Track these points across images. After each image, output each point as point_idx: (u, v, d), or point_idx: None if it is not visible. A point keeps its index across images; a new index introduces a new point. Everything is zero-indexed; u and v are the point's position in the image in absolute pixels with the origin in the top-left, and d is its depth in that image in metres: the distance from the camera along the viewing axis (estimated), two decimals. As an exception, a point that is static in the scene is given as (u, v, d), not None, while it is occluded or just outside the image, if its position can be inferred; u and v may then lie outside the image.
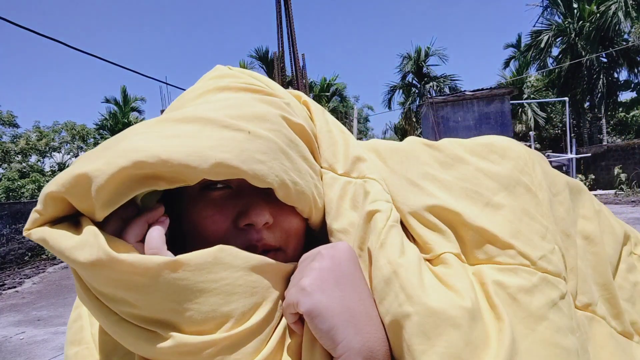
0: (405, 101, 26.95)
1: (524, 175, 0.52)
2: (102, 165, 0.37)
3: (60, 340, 4.60)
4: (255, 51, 24.60)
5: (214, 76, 0.54)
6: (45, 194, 0.38)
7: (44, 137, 24.40)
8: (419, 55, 26.40)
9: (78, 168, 0.37)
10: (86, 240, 0.36)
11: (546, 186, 0.54)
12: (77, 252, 0.35)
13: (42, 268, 10.15)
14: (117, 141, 0.40)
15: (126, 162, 0.37)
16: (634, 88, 21.95)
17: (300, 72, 7.30)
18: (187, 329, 0.37)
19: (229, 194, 0.46)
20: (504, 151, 0.53)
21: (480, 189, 0.50)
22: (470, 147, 0.54)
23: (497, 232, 0.47)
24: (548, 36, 21.12)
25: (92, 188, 0.36)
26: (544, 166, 0.56)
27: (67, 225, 0.39)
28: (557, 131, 25.38)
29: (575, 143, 18.97)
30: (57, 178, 0.38)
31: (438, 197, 0.49)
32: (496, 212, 0.49)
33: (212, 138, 0.41)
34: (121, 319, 0.38)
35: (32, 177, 18.33)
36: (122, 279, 0.35)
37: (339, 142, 0.55)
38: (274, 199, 0.46)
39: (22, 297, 7.11)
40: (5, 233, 11.02)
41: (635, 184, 15.37)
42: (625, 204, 12.31)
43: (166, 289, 0.36)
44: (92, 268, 0.35)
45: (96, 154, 0.39)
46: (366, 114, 38.02)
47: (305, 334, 0.41)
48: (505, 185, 0.50)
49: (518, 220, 0.48)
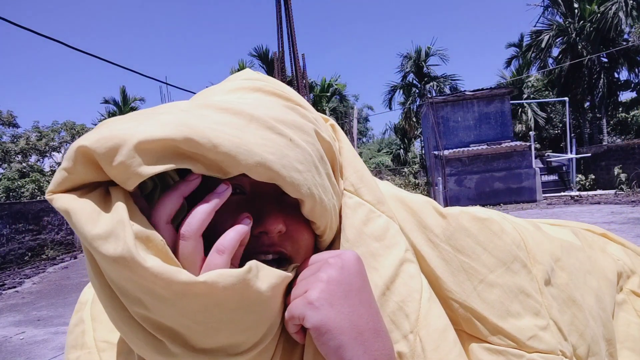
0: (406, 101, 26.94)
1: (520, 250, 0.52)
2: (148, 129, 0.34)
3: (60, 340, 4.60)
4: (255, 50, 24.62)
5: (246, 77, 0.53)
6: (76, 149, 0.34)
7: (44, 137, 24.39)
8: (419, 55, 26.40)
9: (115, 127, 0.34)
10: (113, 230, 0.32)
11: (545, 257, 0.54)
12: (100, 243, 0.32)
13: (42, 268, 10.14)
14: (156, 114, 0.37)
15: (176, 134, 0.34)
16: (634, 88, 21.97)
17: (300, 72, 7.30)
18: (196, 345, 0.35)
19: (243, 200, 0.44)
20: (501, 227, 0.53)
21: (477, 264, 0.50)
22: (472, 217, 0.53)
23: (487, 315, 0.48)
24: (549, 36, 21.13)
25: (130, 149, 0.33)
26: (535, 237, 0.57)
27: (97, 197, 0.35)
28: (557, 131, 25.39)
29: (575, 143, 18.97)
30: (89, 134, 0.34)
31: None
32: (490, 291, 0.49)
33: (257, 136, 0.39)
34: (132, 317, 0.35)
35: (32, 176, 18.32)
36: (142, 283, 0.33)
37: (366, 169, 0.55)
38: (286, 209, 0.45)
39: (22, 297, 7.10)
40: (5, 233, 11.01)
41: (635, 184, 15.37)
42: (625, 204, 12.31)
43: (186, 306, 0.34)
44: (113, 263, 0.32)
45: (132, 120, 0.36)
46: (366, 113, 38.08)
47: (307, 346, 0.41)
48: (503, 261, 0.51)
49: (511, 299, 0.49)
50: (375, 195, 0.52)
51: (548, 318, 0.49)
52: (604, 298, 0.59)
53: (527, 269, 0.51)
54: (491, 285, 0.49)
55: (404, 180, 21.73)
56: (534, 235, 0.56)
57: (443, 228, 0.52)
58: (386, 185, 0.58)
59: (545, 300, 0.51)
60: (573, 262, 0.58)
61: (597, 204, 13.11)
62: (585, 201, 14.13)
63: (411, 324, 0.45)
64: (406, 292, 0.46)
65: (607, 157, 17.19)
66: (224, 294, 0.34)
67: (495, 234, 0.52)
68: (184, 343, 0.35)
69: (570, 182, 17.55)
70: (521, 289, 0.49)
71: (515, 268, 0.51)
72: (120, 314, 0.35)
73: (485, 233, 0.52)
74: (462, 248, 0.51)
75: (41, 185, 17.10)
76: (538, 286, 0.51)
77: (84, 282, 7.81)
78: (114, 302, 0.35)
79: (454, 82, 26.16)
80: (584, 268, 0.59)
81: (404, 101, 27.15)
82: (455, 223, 0.52)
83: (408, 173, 23.00)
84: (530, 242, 0.54)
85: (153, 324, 0.35)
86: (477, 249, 0.51)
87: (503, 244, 0.52)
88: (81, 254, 12.25)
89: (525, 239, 0.54)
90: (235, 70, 24.19)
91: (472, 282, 0.49)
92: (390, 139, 37.71)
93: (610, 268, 0.64)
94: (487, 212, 0.55)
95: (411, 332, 0.45)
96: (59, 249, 12.60)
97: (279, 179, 0.39)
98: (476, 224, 0.52)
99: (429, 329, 0.45)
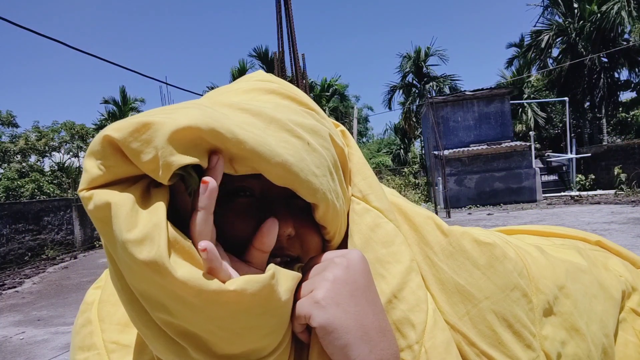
0: (406, 101, 26.95)
1: (522, 277, 0.51)
2: (177, 118, 0.33)
3: (60, 340, 4.60)
4: (255, 50, 24.60)
5: (259, 79, 0.52)
6: (102, 138, 0.32)
7: (44, 137, 24.38)
8: (418, 55, 26.41)
9: (143, 117, 0.33)
10: (148, 233, 0.31)
11: (548, 284, 0.53)
12: (134, 245, 0.31)
13: (42, 268, 10.14)
14: (177, 109, 0.36)
15: (202, 124, 0.33)
16: (634, 88, 21.97)
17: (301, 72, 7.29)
18: (219, 351, 0.35)
19: (252, 203, 0.44)
20: (504, 252, 0.52)
21: (473, 289, 0.49)
22: (474, 240, 0.52)
23: (476, 341, 0.47)
24: (548, 36, 21.14)
25: (161, 138, 0.32)
26: (540, 263, 0.55)
27: (138, 192, 0.33)
28: (557, 131, 25.39)
29: (575, 143, 18.97)
30: (116, 125, 0.33)
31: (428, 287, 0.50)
32: (483, 317, 0.48)
33: (277, 138, 0.39)
34: (153, 321, 0.35)
35: (31, 176, 18.32)
36: (171, 290, 0.32)
37: (374, 176, 0.54)
38: (295, 213, 0.45)
39: (22, 297, 7.10)
40: (5, 233, 11.01)
41: (635, 184, 15.37)
42: (625, 204, 12.31)
43: (213, 313, 0.33)
44: (144, 267, 0.31)
45: (159, 112, 0.35)
46: (366, 114, 38.04)
47: (312, 345, 0.41)
48: (502, 288, 0.50)
49: (504, 328, 0.48)
50: (383, 203, 0.52)
51: (539, 350, 0.49)
52: (608, 322, 0.58)
53: (528, 297, 0.51)
54: (485, 312, 0.48)
55: (404, 180, 21.73)
56: (538, 262, 0.55)
57: (443, 247, 0.51)
58: (390, 193, 0.58)
59: (541, 332, 0.50)
60: (579, 287, 0.57)
61: (597, 204, 13.11)
62: (585, 201, 14.13)
63: (417, 335, 0.45)
64: (414, 301, 0.46)
65: (607, 157, 17.19)
66: (251, 301, 0.34)
67: (497, 259, 0.51)
68: (207, 349, 0.35)
69: (570, 182, 17.55)
70: (517, 319, 0.49)
71: (515, 296, 0.50)
72: (141, 317, 0.35)
73: (486, 257, 0.51)
74: (460, 270, 0.50)
75: (41, 185, 17.10)
76: (535, 316, 0.50)
77: (84, 282, 7.81)
78: (134, 305, 0.35)
79: (453, 82, 26.18)
80: (590, 292, 0.59)
81: (404, 101, 27.16)
82: (456, 243, 0.51)
83: (408, 173, 22.97)
84: (533, 270, 0.53)
85: (176, 329, 0.34)
86: (475, 273, 0.50)
87: (504, 270, 0.50)
88: (81, 254, 12.27)
89: (527, 266, 0.53)
90: (235, 70, 24.18)
91: (466, 306, 0.49)
92: (390, 139, 37.69)
93: (615, 287, 0.63)
94: (490, 237, 0.53)
95: (417, 343, 0.44)
96: (59, 249, 12.60)
97: (297, 181, 0.39)
98: (478, 247, 0.51)
99: (435, 341, 0.45)
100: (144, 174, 0.34)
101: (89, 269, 9.36)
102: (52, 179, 21.59)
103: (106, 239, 0.33)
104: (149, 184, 0.35)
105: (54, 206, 12.83)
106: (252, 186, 0.43)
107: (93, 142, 0.33)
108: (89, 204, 0.33)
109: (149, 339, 0.36)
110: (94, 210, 0.33)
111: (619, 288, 0.63)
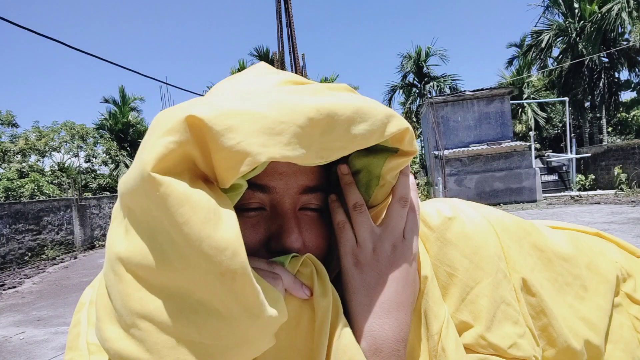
0: (406, 101, 26.95)
1: (500, 260, 0.53)
2: (288, 112, 0.33)
3: (60, 340, 4.60)
4: (255, 50, 24.60)
5: (273, 71, 0.51)
6: (185, 118, 0.30)
7: (44, 137, 24.39)
8: (419, 55, 26.40)
9: (230, 104, 0.32)
10: (233, 242, 0.30)
11: (526, 266, 0.56)
12: (218, 252, 0.30)
13: (42, 268, 10.14)
14: (261, 97, 0.35)
15: (316, 114, 0.34)
16: (634, 88, 21.97)
17: (301, 72, 7.29)
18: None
19: (263, 216, 0.45)
20: (485, 239, 0.54)
21: (464, 276, 0.51)
22: (461, 233, 0.54)
23: (474, 324, 0.50)
24: (549, 36, 21.13)
25: (255, 129, 0.31)
26: (523, 246, 0.58)
27: (208, 191, 0.32)
28: (557, 131, 25.40)
29: (575, 143, 18.97)
30: (199, 105, 0.31)
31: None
32: (477, 301, 0.50)
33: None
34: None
35: (31, 176, 18.32)
36: (237, 300, 0.31)
37: None
38: (304, 223, 0.46)
39: (22, 297, 7.10)
40: (5, 233, 11.01)
41: (635, 184, 15.37)
42: (625, 204, 12.31)
43: (248, 330, 0.33)
44: (219, 276, 0.30)
45: (246, 100, 0.34)
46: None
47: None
48: (490, 273, 0.52)
49: (494, 309, 0.50)
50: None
51: (525, 326, 0.51)
52: (594, 305, 0.60)
53: (507, 278, 0.53)
54: (479, 296, 0.50)
55: (404, 180, 21.64)
56: (520, 245, 0.57)
57: (431, 242, 0.53)
58: None
59: (522, 308, 0.52)
60: (561, 272, 0.60)
61: (597, 204, 13.11)
62: (585, 201, 14.13)
63: (438, 327, 0.47)
64: (437, 296, 0.49)
65: (607, 157, 17.19)
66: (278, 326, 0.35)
67: (480, 246, 0.53)
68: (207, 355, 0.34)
69: (570, 182, 17.56)
70: (503, 299, 0.51)
71: (499, 278, 0.52)
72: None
73: (470, 246, 0.53)
74: (450, 262, 0.52)
75: (40, 185, 17.10)
76: (516, 295, 0.53)
77: (84, 282, 7.81)
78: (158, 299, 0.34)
79: (454, 82, 26.17)
80: (577, 282, 0.60)
81: (404, 101, 27.16)
82: (442, 238, 0.53)
83: (408, 173, 22.89)
84: (512, 253, 0.55)
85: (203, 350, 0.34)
86: (464, 261, 0.52)
87: (487, 255, 0.53)
88: (81, 254, 12.27)
89: (506, 250, 0.55)
90: (235, 70, 24.17)
91: (461, 294, 0.51)
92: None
93: (611, 270, 0.65)
94: (473, 223, 0.55)
95: (436, 334, 0.47)
96: (59, 249, 12.60)
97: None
98: (462, 236, 0.53)
99: (450, 338, 0.46)
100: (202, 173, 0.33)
101: (89, 269, 9.36)
102: (52, 179, 21.60)
103: (156, 223, 0.31)
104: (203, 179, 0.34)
105: (54, 206, 12.83)
106: (262, 200, 0.44)
107: (168, 119, 0.31)
108: (159, 189, 0.30)
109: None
110: (164, 196, 0.30)
111: (613, 272, 0.65)
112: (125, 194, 0.34)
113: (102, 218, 14.80)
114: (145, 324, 0.32)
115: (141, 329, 0.32)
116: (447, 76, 26.30)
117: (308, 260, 0.42)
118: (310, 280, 0.41)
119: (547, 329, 0.53)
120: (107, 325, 0.35)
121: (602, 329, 0.59)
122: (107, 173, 26.04)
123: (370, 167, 0.46)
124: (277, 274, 0.39)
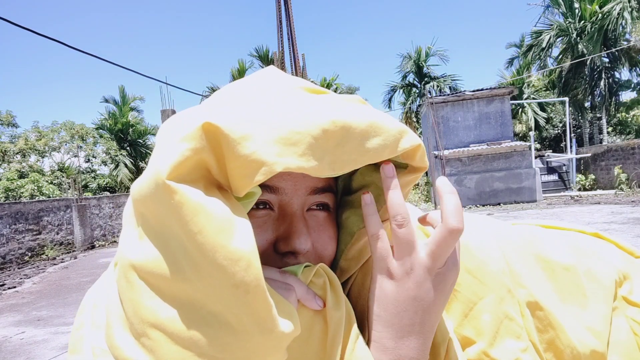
0: (406, 101, 26.95)
1: (504, 275, 0.53)
2: (303, 122, 0.33)
3: (60, 340, 4.60)
4: (256, 50, 24.60)
5: (285, 76, 0.51)
6: (202, 125, 0.30)
7: (43, 137, 24.40)
8: (419, 55, 26.41)
9: (247, 111, 0.32)
10: (249, 254, 0.30)
11: (532, 279, 0.56)
12: (232, 263, 0.29)
13: (42, 268, 10.14)
14: (273, 104, 0.36)
15: (330, 125, 0.34)
16: (634, 88, 21.97)
17: (300, 72, 7.29)
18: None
19: (270, 216, 0.44)
20: (489, 255, 0.54)
21: (467, 292, 0.51)
22: (465, 248, 0.54)
23: (476, 340, 0.50)
24: (549, 36, 21.13)
25: (272, 138, 0.31)
26: (527, 259, 0.57)
27: (223, 200, 0.31)
28: (557, 131, 25.41)
29: (575, 143, 18.98)
30: (216, 113, 0.31)
31: None
32: (480, 317, 0.50)
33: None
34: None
35: (31, 177, 18.32)
36: (249, 314, 0.31)
37: None
38: (313, 225, 0.46)
39: (22, 297, 7.10)
40: (5, 233, 11.02)
41: (635, 184, 15.37)
42: (625, 204, 12.31)
43: (260, 345, 0.33)
44: (232, 288, 0.30)
45: (262, 106, 0.34)
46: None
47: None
48: (493, 289, 0.52)
49: (497, 324, 0.50)
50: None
51: (527, 340, 0.51)
52: (595, 324, 0.60)
53: (511, 293, 0.53)
54: (481, 312, 0.50)
55: (404, 180, 21.66)
56: (525, 258, 0.57)
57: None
58: None
59: (526, 323, 0.52)
60: (564, 283, 0.59)
61: (597, 204, 13.11)
62: (585, 201, 14.13)
63: (443, 342, 0.47)
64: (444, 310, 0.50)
65: (607, 157, 17.19)
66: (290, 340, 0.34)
67: (483, 261, 0.53)
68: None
69: (570, 182, 17.56)
70: (506, 314, 0.51)
71: (502, 294, 0.52)
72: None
73: (474, 261, 0.53)
74: (459, 280, 0.52)
75: (40, 186, 17.10)
76: (520, 309, 0.53)
77: (84, 282, 7.81)
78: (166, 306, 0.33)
79: (454, 82, 26.17)
80: (579, 291, 0.60)
81: (404, 101, 27.17)
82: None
83: (408, 173, 22.90)
84: (517, 267, 0.55)
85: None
86: (467, 277, 0.52)
87: (491, 270, 0.53)
88: (81, 254, 12.27)
89: (511, 264, 0.55)
90: (235, 70, 24.16)
91: (463, 310, 0.51)
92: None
93: (609, 275, 0.65)
94: (477, 239, 0.55)
95: (442, 350, 0.47)
96: (59, 249, 12.60)
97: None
98: (466, 252, 0.53)
99: (453, 353, 0.46)
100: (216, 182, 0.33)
101: (89, 269, 9.36)
102: (52, 179, 21.60)
103: (168, 230, 0.31)
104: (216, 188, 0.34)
105: (54, 206, 12.83)
106: (270, 200, 0.44)
107: (186, 127, 0.31)
108: (174, 197, 0.30)
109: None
110: (179, 204, 0.29)
111: (612, 277, 0.65)
112: (139, 200, 0.33)
113: (102, 218, 14.80)
114: (156, 334, 0.32)
115: (152, 339, 0.32)
116: (447, 76, 26.31)
117: (321, 270, 0.41)
118: (323, 291, 0.40)
119: (554, 342, 0.53)
120: (118, 332, 0.35)
121: (606, 336, 0.59)
122: (107, 173, 26.05)
123: (379, 183, 0.45)
124: (290, 284, 0.38)
